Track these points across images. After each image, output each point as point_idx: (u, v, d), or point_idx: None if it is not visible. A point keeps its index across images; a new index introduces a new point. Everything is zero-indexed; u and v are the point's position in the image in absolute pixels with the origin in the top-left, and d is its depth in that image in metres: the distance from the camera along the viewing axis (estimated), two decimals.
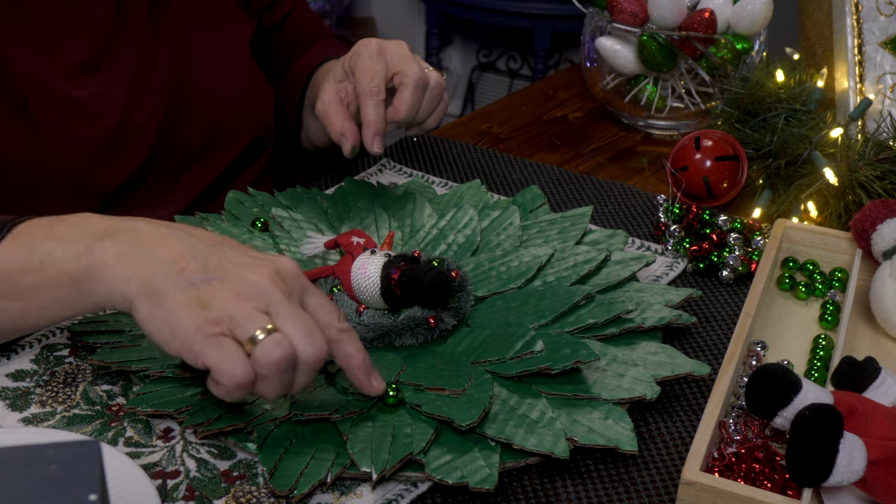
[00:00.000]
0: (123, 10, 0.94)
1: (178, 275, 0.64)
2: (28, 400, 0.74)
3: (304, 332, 0.64)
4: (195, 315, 0.62)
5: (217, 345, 0.62)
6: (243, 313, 0.63)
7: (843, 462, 0.62)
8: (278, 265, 0.67)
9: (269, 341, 0.62)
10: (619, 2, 1.20)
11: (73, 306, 0.68)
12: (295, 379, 0.65)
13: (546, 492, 0.68)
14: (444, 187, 1.05)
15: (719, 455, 0.69)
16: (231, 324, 0.63)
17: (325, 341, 0.65)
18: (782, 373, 0.68)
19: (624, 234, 0.93)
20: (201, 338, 0.62)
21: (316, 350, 0.64)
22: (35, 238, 0.68)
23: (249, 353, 0.63)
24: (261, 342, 0.62)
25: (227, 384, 0.63)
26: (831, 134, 1.07)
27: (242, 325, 0.63)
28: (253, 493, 0.67)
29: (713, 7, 1.19)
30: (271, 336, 0.63)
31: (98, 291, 0.66)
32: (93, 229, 0.68)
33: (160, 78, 0.97)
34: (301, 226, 0.91)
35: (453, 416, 0.69)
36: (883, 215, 0.88)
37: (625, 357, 0.77)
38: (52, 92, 0.90)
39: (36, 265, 0.67)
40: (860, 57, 1.18)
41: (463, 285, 0.81)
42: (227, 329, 0.63)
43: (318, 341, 0.65)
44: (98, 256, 0.66)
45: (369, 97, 0.92)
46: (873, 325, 0.86)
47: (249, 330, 0.63)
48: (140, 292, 0.64)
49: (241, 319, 0.63)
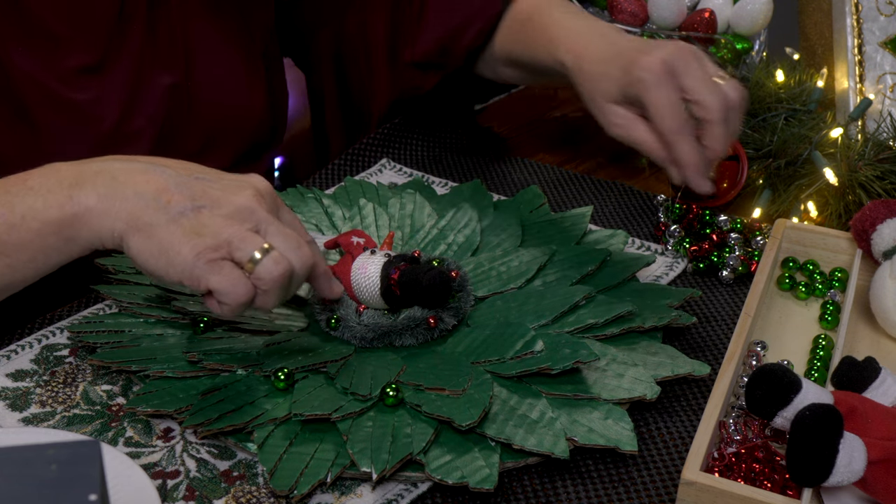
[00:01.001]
0: (124, 15, 0.94)
1: (166, 206, 0.67)
2: (28, 400, 0.74)
3: (294, 245, 0.69)
4: (193, 243, 0.66)
5: (218, 269, 0.67)
6: (239, 236, 0.67)
7: (843, 462, 0.62)
8: (256, 184, 0.71)
9: (268, 260, 0.67)
10: (619, 2, 1.20)
11: (59, 254, 0.70)
12: (290, 289, 0.70)
13: (546, 492, 0.68)
14: (444, 187, 1.05)
15: (719, 455, 0.69)
16: (230, 248, 0.67)
17: (310, 251, 0.71)
18: (782, 373, 0.68)
19: (624, 234, 0.93)
20: (202, 263, 0.66)
21: (306, 259, 0.70)
22: (11, 194, 0.69)
23: (249, 272, 0.67)
24: (261, 262, 0.67)
25: (231, 304, 0.67)
26: (831, 134, 1.07)
27: (240, 247, 0.67)
28: (253, 493, 0.67)
29: (713, 7, 1.19)
30: (270, 255, 0.67)
31: (84, 235, 0.68)
32: (67, 177, 0.69)
33: (159, 83, 0.96)
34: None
35: (453, 416, 0.69)
36: (883, 215, 0.88)
37: (625, 357, 0.77)
38: (50, 94, 0.90)
39: (18, 220, 0.68)
40: (860, 57, 1.18)
41: (463, 285, 0.81)
42: (227, 253, 0.67)
43: (306, 251, 0.70)
44: (81, 202, 0.68)
45: (679, 136, 0.84)
46: (873, 325, 0.86)
47: (248, 252, 0.67)
48: (130, 228, 0.67)
49: (239, 242, 0.67)
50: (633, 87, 0.85)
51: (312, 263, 0.71)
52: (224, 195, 0.69)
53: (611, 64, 0.89)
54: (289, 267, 0.68)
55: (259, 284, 0.68)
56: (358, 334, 0.78)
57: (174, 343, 0.77)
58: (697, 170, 0.84)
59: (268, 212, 0.70)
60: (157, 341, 0.77)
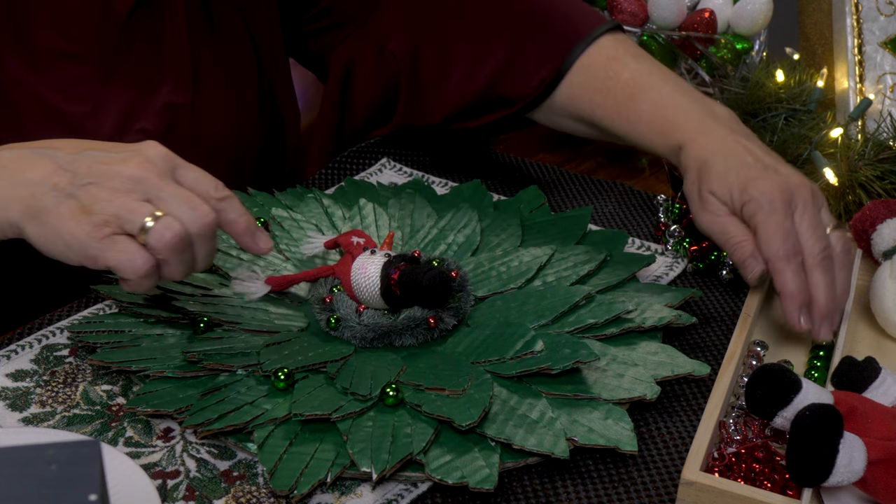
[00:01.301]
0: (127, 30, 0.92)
1: (53, 190, 0.67)
2: (28, 400, 0.74)
3: (188, 206, 0.68)
4: (83, 222, 0.66)
5: (111, 244, 0.66)
6: (126, 207, 0.66)
7: (843, 462, 0.62)
8: (145, 151, 0.70)
9: (158, 226, 0.66)
10: (619, 2, 1.20)
11: None
12: (195, 254, 0.69)
13: (546, 492, 0.68)
14: (444, 187, 1.05)
15: (719, 455, 0.69)
16: (119, 221, 0.66)
17: (209, 209, 0.69)
18: (782, 373, 0.68)
19: (624, 234, 0.93)
20: (95, 241, 0.66)
21: (203, 219, 0.68)
22: None
23: (144, 242, 0.66)
24: (151, 229, 0.66)
25: (132, 277, 0.67)
26: (831, 134, 1.07)
27: (129, 218, 0.66)
28: (253, 493, 0.67)
29: (713, 7, 1.19)
30: (160, 221, 0.67)
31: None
32: None
33: (158, 100, 0.94)
34: (301, 226, 0.91)
35: (453, 416, 0.69)
36: (883, 215, 0.88)
37: (625, 357, 0.77)
38: (45, 106, 0.88)
39: None
40: (860, 57, 1.18)
41: (463, 285, 0.81)
42: (117, 227, 0.66)
43: (203, 210, 0.69)
44: None
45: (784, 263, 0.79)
46: (873, 325, 0.86)
47: (137, 221, 0.66)
48: (24, 216, 0.67)
49: (127, 214, 0.66)
50: (747, 204, 0.81)
51: (212, 221, 0.69)
52: (111, 167, 0.68)
53: (730, 173, 0.83)
54: (181, 230, 0.67)
55: (155, 253, 0.67)
56: (358, 334, 0.78)
57: (174, 343, 0.77)
58: (794, 300, 0.79)
59: (159, 177, 0.69)
60: (157, 341, 0.77)
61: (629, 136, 0.95)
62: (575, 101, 0.99)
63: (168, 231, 0.67)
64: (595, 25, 0.99)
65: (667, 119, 0.91)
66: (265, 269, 0.85)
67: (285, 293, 0.84)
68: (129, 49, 0.93)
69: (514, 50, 1.00)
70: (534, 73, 0.99)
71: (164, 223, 0.67)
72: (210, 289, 0.82)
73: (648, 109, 0.92)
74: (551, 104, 1.01)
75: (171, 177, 0.70)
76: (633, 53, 0.97)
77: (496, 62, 1.02)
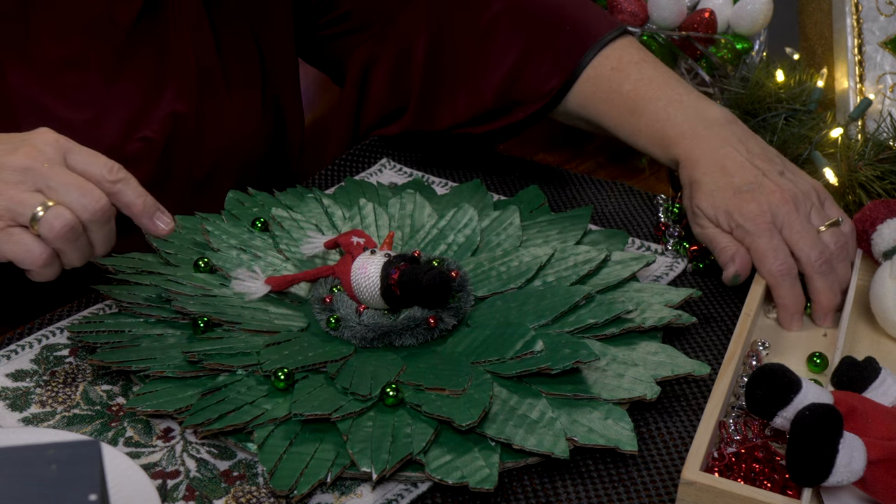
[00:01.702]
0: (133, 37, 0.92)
1: None
2: (28, 400, 0.74)
3: (79, 193, 0.68)
4: None
5: (7, 237, 0.67)
6: (15, 199, 0.67)
7: (843, 462, 0.62)
8: (33, 140, 0.70)
9: (48, 216, 0.67)
10: (619, 2, 1.20)
11: None
12: (92, 239, 0.70)
13: (546, 492, 0.68)
14: (444, 187, 1.05)
15: (719, 455, 0.69)
16: (11, 214, 0.67)
17: (101, 193, 0.69)
18: (782, 372, 0.68)
19: (624, 234, 0.93)
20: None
21: (94, 204, 0.69)
22: None
23: (38, 233, 0.67)
24: (41, 219, 0.67)
25: (32, 268, 0.68)
26: (831, 134, 1.07)
27: (19, 210, 0.67)
28: (253, 493, 0.67)
29: (713, 7, 1.19)
30: (49, 211, 0.67)
31: None
32: None
33: (163, 108, 0.94)
34: (301, 226, 0.91)
35: (453, 416, 0.69)
36: (883, 215, 0.88)
37: (625, 357, 0.77)
38: (47, 113, 0.88)
39: None
40: (860, 57, 1.18)
41: (463, 285, 0.81)
42: (10, 220, 0.67)
43: (94, 195, 0.69)
44: None
45: (781, 279, 0.84)
46: (873, 325, 0.86)
47: (27, 213, 0.67)
48: None
49: (16, 206, 0.67)
50: (735, 230, 0.87)
51: (104, 206, 0.70)
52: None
53: (716, 195, 0.88)
54: (70, 219, 0.68)
55: (49, 243, 0.68)
56: (358, 334, 0.78)
57: (174, 343, 0.77)
58: (789, 311, 0.85)
59: (48, 165, 0.69)
60: (157, 341, 0.77)
61: (636, 146, 0.99)
62: (585, 108, 1.02)
63: (57, 220, 0.67)
64: (603, 33, 1.01)
65: (664, 133, 0.95)
66: (265, 269, 0.85)
67: (285, 293, 0.84)
68: (132, 57, 0.92)
69: (525, 59, 1.02)
70: (543, 82, 1.02)
71: (54, 213, 0.67)
72: (210, 289, 0.82)
73: (647, 124, 0.96)
74: (564, 108, 1.04)
75: (62, 163, 0.70)
76: (636, 61, 0.99)
77: (507, 72, 1.03)
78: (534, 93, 1.02)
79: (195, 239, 0.89)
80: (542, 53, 1.02)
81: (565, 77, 1.00)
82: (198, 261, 0.85)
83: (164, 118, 0.94)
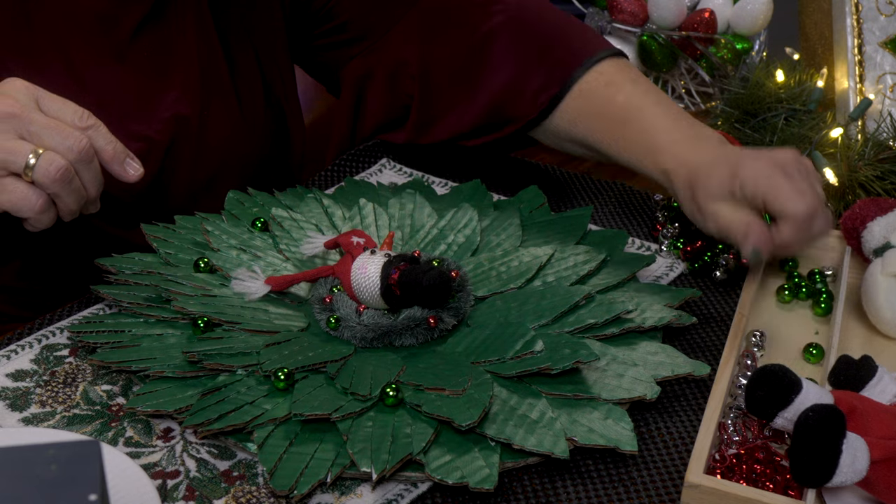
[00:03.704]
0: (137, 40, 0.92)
1: None
2: (28, 400, 0.74)
3: (61, 137, 0.69)
4: None
5: (2, 188, 0.68)
6: (6, 149, 0.68)
7: (847, 462, 0.62)
8: (4, 89, 0.71)
9: (42, 163, 0.68)
10: (619, 2, 1.20)
11: None
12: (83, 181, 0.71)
13: (546, 492, 0.68)
14: (444, 187, 1.05)
15: (720, 457, 0.69)
16: (2, 164, 0.68)
17: (80, 134, 0.70)
18: (783, 373, 0.68)
19: (624, 234, 0.93)
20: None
21: (78, 145, 0.70)
22: None
23: (32, 180, 0.68)
24: (35, 167, 0.68)
25: (30, 215, 0.69)
26: (831, 134, 1.07)
27: (12, 160, 0.68)
28: (253, 493, 0.67)
29: (713, 7, 1.19)
30: (42, 157, 0.68)
31: None
32: None
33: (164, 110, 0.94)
34: (301, 226, 0.91)
35: (453, 416, 0.69)
36: (873, 213, 0.88)
37: (625, 357, 0.77)
38: None
39: None
40: (860, 57, 1.18)
41: (463, 285, 0.81)
42: (2, 169, 0.68)
43: (76, 136, 0.70)
44: None
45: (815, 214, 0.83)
46: (864, 322, 0.86)
47: (20, 162, 0.68)
48: None
49: (7, 155, 0.68)
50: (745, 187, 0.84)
51: (86, 145, 0.71)
52: None
53: (716, 166, 0.86)
54: (63, 161, 0.69)
55: (45, 189, 0.68)
56: (358, 334, 0.78)
57: (174, 343, 0.77)
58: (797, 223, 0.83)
59: (23, 110, 0.70)
60: (157, 341, 0.77)
61: (624, 160, 0.96)
62: (576, 125, 0.99)
63: (52, 165, 0.68)
64: (596, 51, 1.00)
65: (656, 142, 0.92)
66: (265, 270, 0.85)
67: (285, 293, 0.84)
68: (135, 59, 0.92)
69: (519, 76, 1.01)
70: (534, 98, 1.00)
71: (47, 158, 0.68)
72: (210, 289, 0.82)
73: (639, 132, 0.94)
74: (555, 128, 1.02)
75: (37, 109, 0.71)
76: (631, 78, 0.98)
77: (500, 88, 1.02)
78: (525, 109, 1.01)
79: (195, 239, 0.89)
80: (535, 71, 1.01)
81: (556, 88, 0.99)
82: (198, 261, 0.85)
83: (166, 120, 0.94)
